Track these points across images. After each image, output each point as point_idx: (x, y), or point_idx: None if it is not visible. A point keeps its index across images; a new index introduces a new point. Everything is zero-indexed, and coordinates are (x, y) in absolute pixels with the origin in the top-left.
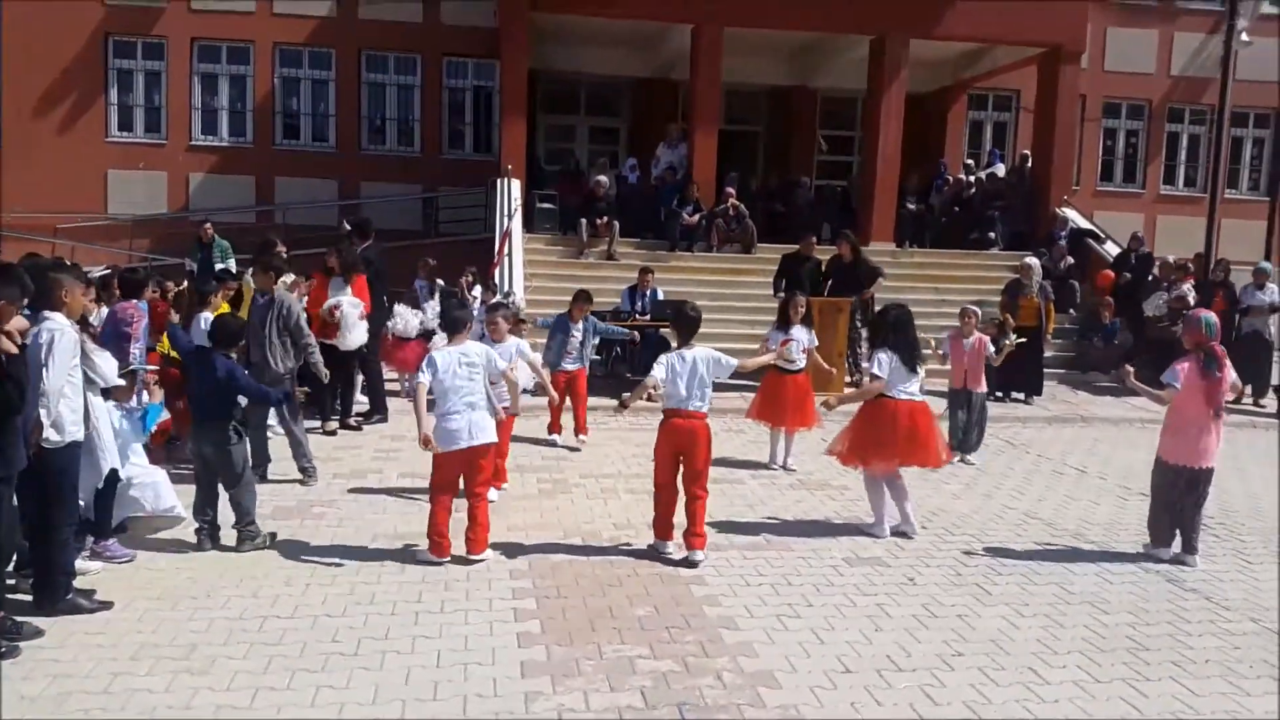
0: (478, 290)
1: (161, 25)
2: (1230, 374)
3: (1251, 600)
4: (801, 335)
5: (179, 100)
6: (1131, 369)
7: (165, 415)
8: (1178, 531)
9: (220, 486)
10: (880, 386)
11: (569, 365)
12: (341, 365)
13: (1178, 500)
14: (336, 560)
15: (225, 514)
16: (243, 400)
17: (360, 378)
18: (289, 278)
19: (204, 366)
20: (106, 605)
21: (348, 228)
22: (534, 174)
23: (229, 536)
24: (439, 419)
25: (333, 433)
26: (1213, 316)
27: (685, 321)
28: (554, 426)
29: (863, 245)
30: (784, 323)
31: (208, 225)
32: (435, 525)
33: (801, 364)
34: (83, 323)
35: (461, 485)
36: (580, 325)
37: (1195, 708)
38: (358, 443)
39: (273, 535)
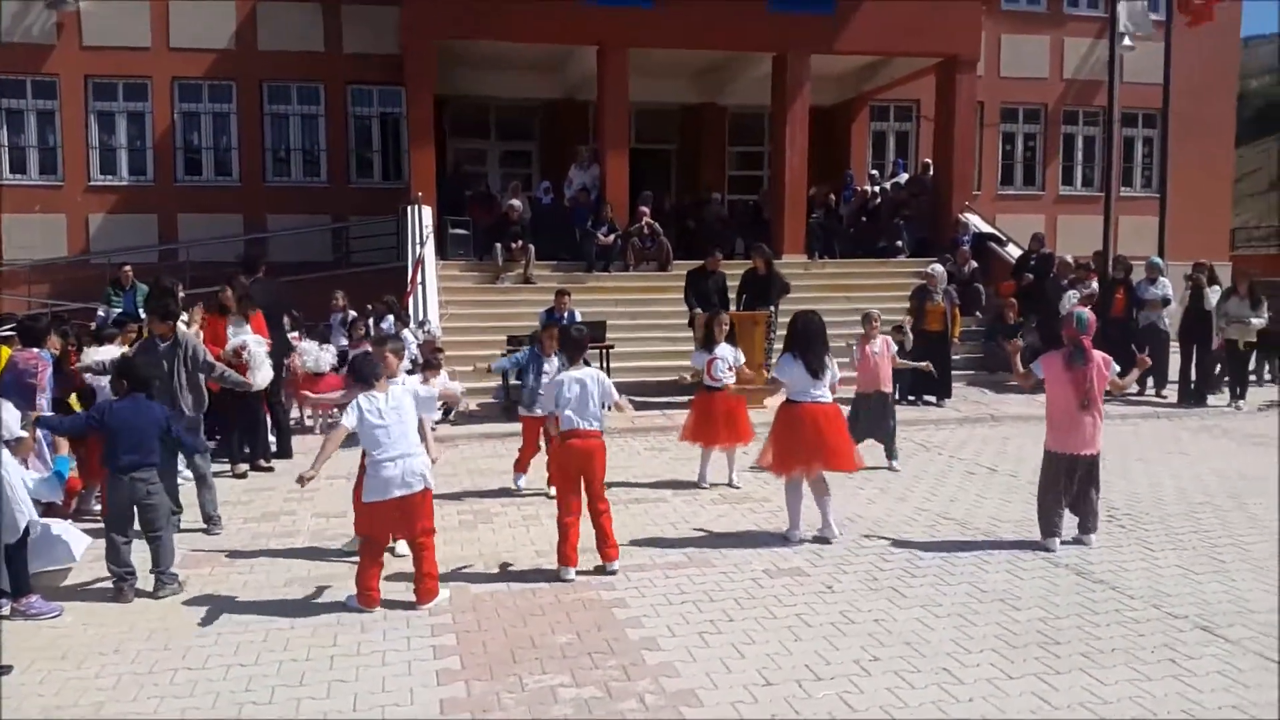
0: (388, 321)
1: (52, 63)
2: (1104, 369)
3: (1154, 588)
4: (727, 353)
5: (75, 140)
6: (1020, 342)
7: (73, 467)
8: (1067, 515)
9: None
10: (778, 387)
11: (536, 411)
12: (249, 406)
13: (1063, 487)
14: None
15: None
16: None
17: (268, 417)
18: (186, 316)
19: (139, 413)
20: (5, 669)
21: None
22: (446, 200)
23: (143, 583)
24: (370, 467)
25: (243, 475)
26: (1086, 312)
27: (570, 343)
28: (521, 465)
29: (775, 258)
30: (709, 341)
31: (127, 268)
32: (364, 578)
33: (729, 381)
34: None
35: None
36: (555, 360)
37: (1102, 696)
38: (270, 484)
39: (181, 583)
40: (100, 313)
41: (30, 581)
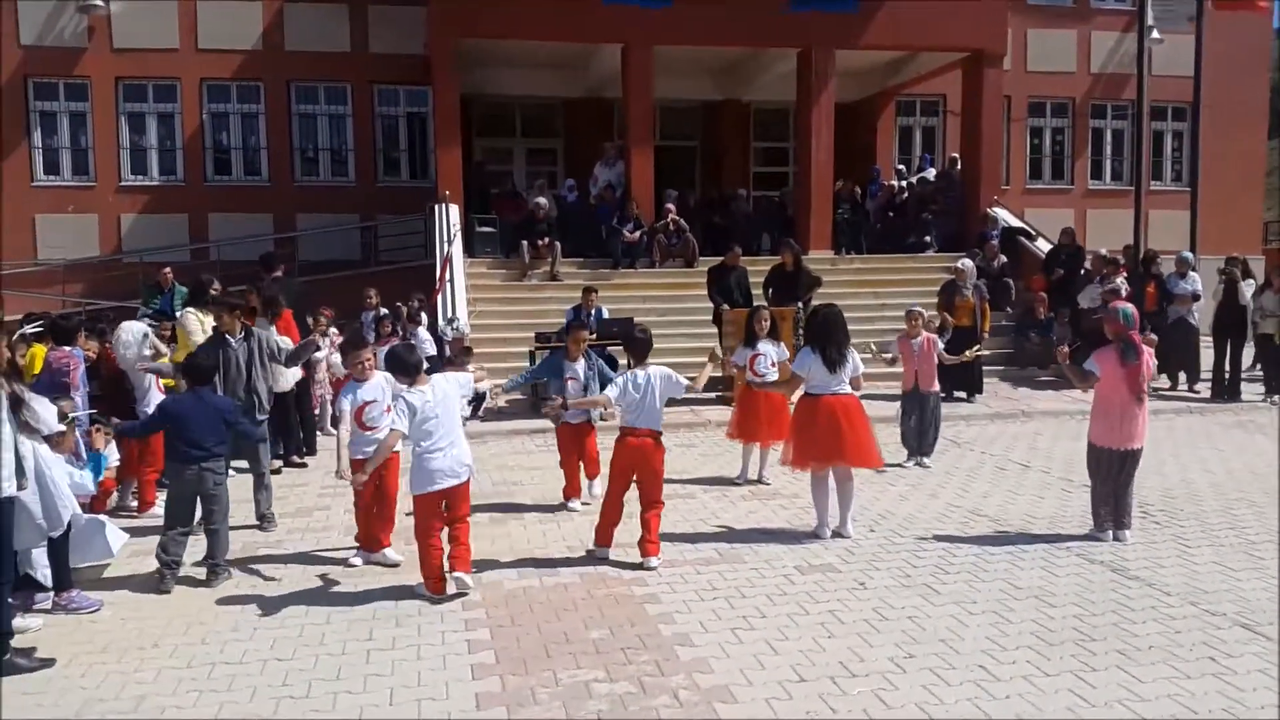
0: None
1: (83, 66)
2: (1150, 361)
3: (1191, 584)
4: (769, 350)
5: (106, 141)
6: (1068, 349)
7: (113, 465)
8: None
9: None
10: (798, 382)
11: (572, 418)
12: (281, 404)
13: (1112, 480)
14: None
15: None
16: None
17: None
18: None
19: (202, 404)
20: (48, 663)
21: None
22: (473, 198)
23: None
24: (417, 459)
25: (277, 471)
26: (1130, 308)
27: (637, 344)
28: (570, 490)
29: (803, 253)
30: (750, 338)
31: (167, 271)
32: (430, 567)
33: (773, 378)
34: (14, 373)
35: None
36: (581, 365)
37: (1140, 694)
38: (303, 480)
39: (230, 573)
40: (139, 315)
41: (71, 576)
